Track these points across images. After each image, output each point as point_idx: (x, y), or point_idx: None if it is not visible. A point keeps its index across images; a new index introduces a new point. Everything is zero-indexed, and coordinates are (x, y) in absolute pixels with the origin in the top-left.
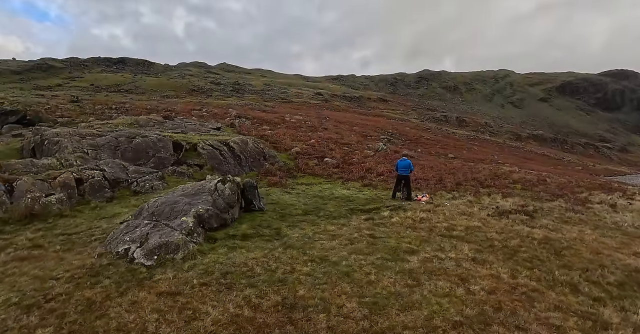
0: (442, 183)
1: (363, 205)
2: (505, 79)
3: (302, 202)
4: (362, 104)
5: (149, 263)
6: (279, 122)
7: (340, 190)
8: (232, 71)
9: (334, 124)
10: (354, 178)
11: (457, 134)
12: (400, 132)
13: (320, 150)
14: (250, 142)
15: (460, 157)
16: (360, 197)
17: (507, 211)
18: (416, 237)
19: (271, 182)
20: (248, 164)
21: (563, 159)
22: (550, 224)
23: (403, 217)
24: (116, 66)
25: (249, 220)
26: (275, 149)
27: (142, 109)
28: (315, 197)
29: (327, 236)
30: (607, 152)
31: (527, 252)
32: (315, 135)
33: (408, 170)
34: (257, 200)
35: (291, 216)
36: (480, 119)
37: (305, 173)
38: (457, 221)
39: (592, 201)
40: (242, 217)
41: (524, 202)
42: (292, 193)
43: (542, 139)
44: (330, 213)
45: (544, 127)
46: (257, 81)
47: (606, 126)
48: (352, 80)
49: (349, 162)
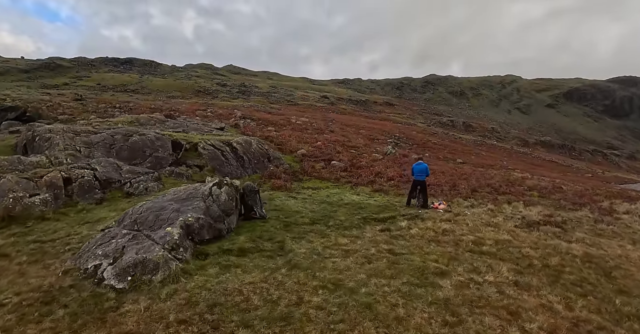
0: (457, 189)
1: (376, 213)
2: (512, 85)
3: (309, 209)
4: (369, 107)
5: (120, 285)
6: (284, 123)
7: (349, 195)
8: (238, 73)
9: (340, 126)
10: (363, 183)
11: (464, 139)
12: (407, 136)
13: (327, 152)
14: (254, 143)
15: (469, 162)
16: (372, 204)
17: (535, 222)
18: (442, 253)
19: (275, 186)
20: (251, 165)
21: (572, 165)
22: (587, 238)
23: (423, 229)
24: (123, 66)
25: (248, 230)
26: (281, 150)
27: (146, 108)
28: (323, 203)
29: (339, 251)
30: (616, 159)
31: (572, 273)
32: (321, 137)
33: (424, 174)
34: (258, 206)
35: (297, 226)
36: (487, 125)
37: (311, 176)
38: (483, 234)
39: (617, 210)
40: (240, 227)
41: (549, 212)
42: (297, 198)
43: (550, 145)
44: (340, 223)
45: (551, 134)
46: (263, 83)
47: (614, 133)
48: (359, 83)
49: (357, 165)
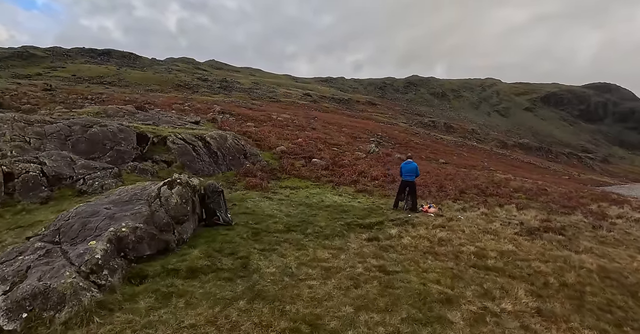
0: (445, 190)
1: (361, 218)
2: (492, 88)
3: (284, 212)
4: (351, 106)
5: (10, 326)
6: (265, 119)
7: (331, 196)
8: (220, 69)
9: (322, 124)
10: (345, 182)
11: (445, 139)
12: (389, 136)
13: (308, 150)
14: (229, 138)
15: (452, 162)
16: (356, 207)
17: (535, 229)
18: (443, 270)
19: (250, 185)
20: (226, 162)
21: (549, 168)
22: (594, 248)
23: (416, 237)
24: (101, 58)
25: (207, 241)
26: (259, 147)
27: (120, 101)
28: (302, 205)
29: (318, 270)
30: (590, 162)
31: (595, 294)
32: (302, 134)
33: (413, 175)
34: (222, 211)
35: (268, 234)
36: (467, 126)
37: (290, 175)
38: (484, 243)
39: (609, 215)
40: (198, 236)
41: (545, 217)
42: (273, 199)
43: (528, 147)
44: (321, 230)
45: (529, 136)
46: (245, 80)
47: (588, 137)
48: (342, 82)
49: (340, 164)
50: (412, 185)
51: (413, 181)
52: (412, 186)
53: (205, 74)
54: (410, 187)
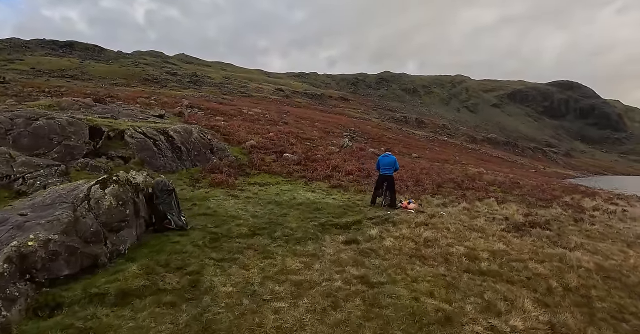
0: (422, 185)
1: (337, 217)
2: (461, 84)
3: (250, 212)
4: (324, 101)
5: None
6: (235, 114)
7: (303, 193)
8: (190, 63)
9: (294, 119)
10: (319, 177)
11: (417, 134)
12: (362, 131)
13: (279, 144)
14: (195, 132)
15: (425, 157)
16: (331, 204)
17: (521, 224)
18: (435, 278)
19: (215, 182)
20: (190, 158)
21: (516, 161)
22: (584, 243)
23: (399, 238)
24: (63, 50)
25: (151, 252)
26: (227, 141)
27: (80, 94)
28: (271, 203)
29: (287, 285)
30: (554, 156)
31: (602, 298)
32: (274, 129)
33: (392, 168)
34: (175, 213)
35: (229, 240)
36: (437, 121)
37: (260, 170)
38: (472, 242)
39: (584, 207)
40: (141, 246)
41: (526, 210)
42: (239, 197)
43: (496, 142)
44: (291, 232)
45: (496, 131)
46: (216, 74)
47: (552, 132)
48: (314, 78)
49: (312, 158)
50: (390, 180)
51: (391, 175)
52: (390, 180)
53: (175, 68)
54: (388, 182)
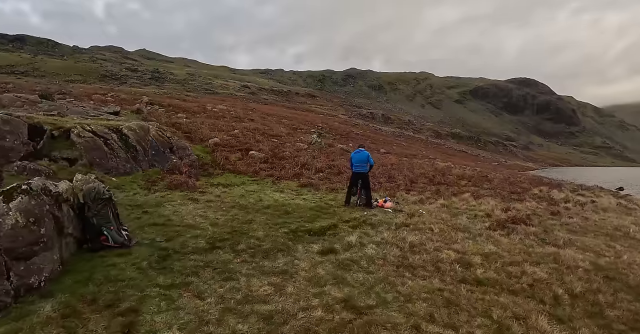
0: (395, 181)
1: (310, 220)
2: (425, 81)
3: (211, 219)
4: (291, 98)
5: None
6: (198, 111)
7: (271, 193)
8: (152, 59)
9: (261, 115)
10: (287, 176)
11: (384, 130)
12: (330, 127)
13: (244, 142)
14: (152, 129)
15: (393, 152)
16: (302, 206)
17: (503, 221)
18: (430, 294)
19: (173, 184)
20: (147, 158)
21: (479, 155)
22: (573, 239)
23: (381, 244)
24: (12, 44)
25: (75, 282)
26: (189, 139)
27: (29, 91)
28: (235, 207)
29: (253, 321)
30: (514, 149)
31: (613, 305)
32: (239, 125)
33: (366, 165)
34: (114, 226)
35: (183, 257)
36: (403, 117)
37: (224, 170)
38: (461, 245)
39: (555, 199)
40: (67, 273)
41: (505, 205)
42: (200, 201)
43: (459, 137)
44: (258, 243)
45: (460, 126)
46: (180, 71)
47: (511, 126)
48: (281, 74)
49: (280, 156)
50: (364, 177)
51: (365, 172)
52: (364, 178)
53: (135, 64)
54: (362, 179)
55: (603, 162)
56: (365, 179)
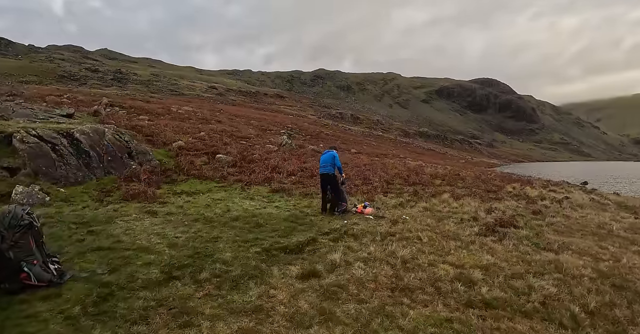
0: (370, 183)
1: (285, 235)
2: (393, 82)
3: (169, 238)
4: (259, 99)
5: None
6: (162, 113)
7: (240, 202)
8: (114, 59)
9: (229, 117)
10: (257, 181)
11: (353, 130)
12: (299, 128)
13: (211, 144)
14: (108, 133)
15: (364, 152)
16: (275, 216)
17: (491, 225)
18: (438, 326)
19: (129, 194)
20: (102, 164)
21: (447, 153)
22: (566, 243)
23: (369, 260)
24: None
25: None
26: (151, 143)
27: None
28: (199, 220)
29: None
30: (479, 147)
31: (632, 321)
32: (206, 127)
33: (329, 165)
34: (38, 260)
35: (129, 295)
36: (372, 117)
37: (189, 175)
38: (455, 256)
39: (530, 196)
40: None
41: (487, 206)
42: (158, 214)
43: (427, 135)
44: (225, 269)
45: (427, 125)
46: (143, 71)
47: (475, 125)
48: (249, 75)
49: (249, 159)
50: (330, 179)
51: (330, 173)
52: (331, 180)
53: (96, 64)
54: (330, 184)
55: (562, 158)
56: (333, 182)
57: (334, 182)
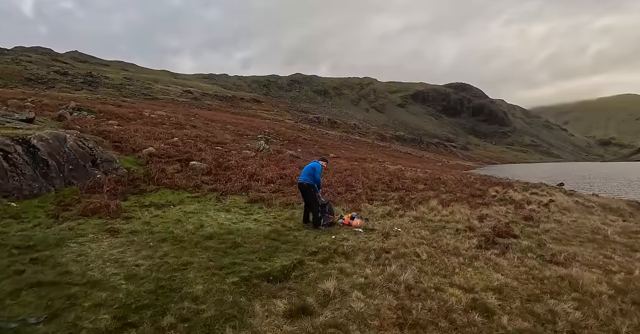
0: (354, 190)
1: (266, 257)
2: (369, 86)
3: (128, 266)
4: (235, 104)
5: None
6: (134, 117)
7: (215, 215)
8: (85, 61)
9: (204, 122)
10: (234, 190)
11: (331, 134)
12: (277, 132)
13: (185, 151)
14: (70, 139)
15: (342, 156)
16: (254, 232)
17: (489, 235)
18: None
19: (89, 208)
20: (63, 174)
21: (423, 156)
22: (569, 252)
23: (368, 288)
24: None
25: None
26: (118, 150)
27: None
28: (166, 241)
29: None
30: (454, 150)
31: None
32: (180, 133)
33: (307, 175)
34: None
35: None
36: (349, 121)
37: (159, 185)
38: (462, 276)
39: (516, 200)
40: None
41: (477, 213)
42: (121, 233)
43: (403, 139)
44: (195, 308)
45: (403, 129)
46: (116, 75)
47: (450, 128)
48: (225, 79)
49: (225, 166)
50: (305, 190)
51: (305, 183)
52: (305, 191)
53: (66, 67)
54: (305, 194)
55: (532, 159)
56: (308, 193)
57: (310, 194)
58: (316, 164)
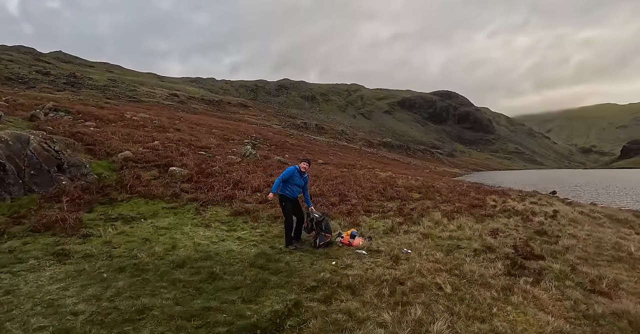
0: (348, 200)
1: (252, 296)
2: (357, 93)
3: (64, 314)
4: (222, 108)
5: None
6: (115, 119)
7: (191, 232)
8: (69, 62)
9: (189, 125)
10: (216, 199)
11: (319, 140)
12: (264, 137)
13: (165, 155)
14: (34, 141)
15: (331, 162)
16: (236, 256)
17: (513, 259)
18: None
19: (43, 223)
20: (23, 180)
21: (411, 163)
22: (611, 279)
23: None
24: None
25: None
26: (91, 153)
27: None
28: (125, 271)
29: None
30: (440, 157)
31: None
32: (161, 136)
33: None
34: None
35: None
36: (336, 127)
37: (133, 194)
38: (502, 318)
39: (519, 210)
40: None
41: (486, 227)
42: (71, 257)
43: (390, 145)
44: None
45: (390, 136)
46: (100, 76)
47: (436, 135)
48: (212, 83)
49: (208, 172)
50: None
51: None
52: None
53: (49, 67)
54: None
55: (517, 166)
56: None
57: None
58: (290, 168)
